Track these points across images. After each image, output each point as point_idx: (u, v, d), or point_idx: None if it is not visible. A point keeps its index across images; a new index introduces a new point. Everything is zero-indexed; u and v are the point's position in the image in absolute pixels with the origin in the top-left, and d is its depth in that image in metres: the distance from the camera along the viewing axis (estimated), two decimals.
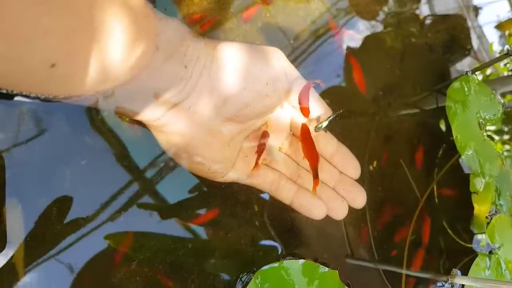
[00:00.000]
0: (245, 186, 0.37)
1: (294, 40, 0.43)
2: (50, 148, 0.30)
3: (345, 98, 0.47)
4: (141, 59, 0.26)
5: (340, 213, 0.37)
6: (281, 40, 0.43)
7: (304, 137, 0.35)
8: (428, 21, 0.59)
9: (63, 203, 0.30)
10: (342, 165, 0.38)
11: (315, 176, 0.35)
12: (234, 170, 0.34)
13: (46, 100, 0.26)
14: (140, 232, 0.33)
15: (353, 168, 0.38)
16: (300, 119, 0.36)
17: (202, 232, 0.36)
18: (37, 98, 0.26)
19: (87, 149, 0.32)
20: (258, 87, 0.31)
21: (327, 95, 0.44)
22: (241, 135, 0.34)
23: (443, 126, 0.55)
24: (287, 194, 0.36)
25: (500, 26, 0.72)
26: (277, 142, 0.37)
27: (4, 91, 0.24)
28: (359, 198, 0.38)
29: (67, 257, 0.30)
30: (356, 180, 0.39)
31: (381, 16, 0.53)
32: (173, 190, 0.35)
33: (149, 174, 0.34)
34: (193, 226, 0.36)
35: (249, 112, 0.32)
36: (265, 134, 0.35)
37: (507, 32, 0.73)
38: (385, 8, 0.54)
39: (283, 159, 0.37)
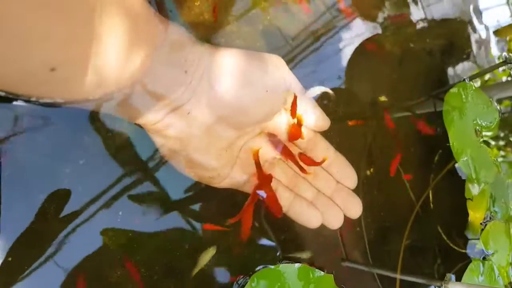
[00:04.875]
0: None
1: (294, 41, 0.43)
2: (48, 148, 0.30)
3: (344, 101, 0.47)
4: (141, 63, 0.26)
5: (335, 222, 0.38)
6: (281, 42, 0.43)
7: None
8: (427, 26, 0.59)
9: (60, 201, 0.30)
10: (339, 175, 0.38)
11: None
12: (232, 176, 0.34)
13: (44, 102, 0.26)
14: (136, 232, 0.33)
15: (350, 178, 0.39)
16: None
17: (199, 233, 0.36)
18: (36, 100, 0.26)
19: (84, 150, 0.32)
20: (258, 94, 0.31)
21: (326, 97, 0.44)
22: (239, 141, 0.34)
23: (439, 132, 0.55)
24: (283, 202, 0.36)
25: (499, 32, 0.72)
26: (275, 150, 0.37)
27: (3, 93, 0.24)
28: (355, 208, 0.38)
29: (64, 255, 0.30)
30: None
31: (380, 20, 0.53)
32: (170, 190, 0.35)
33: (146, 174, 0.34)
34: (192, 227, 0.36)
35: (248, 119, 0.32)
36: (268, 178, 0.35)
37: (507, 38, 0.73)
38: (385, 12, 0.54)
39: (281, 167, 0.37)
